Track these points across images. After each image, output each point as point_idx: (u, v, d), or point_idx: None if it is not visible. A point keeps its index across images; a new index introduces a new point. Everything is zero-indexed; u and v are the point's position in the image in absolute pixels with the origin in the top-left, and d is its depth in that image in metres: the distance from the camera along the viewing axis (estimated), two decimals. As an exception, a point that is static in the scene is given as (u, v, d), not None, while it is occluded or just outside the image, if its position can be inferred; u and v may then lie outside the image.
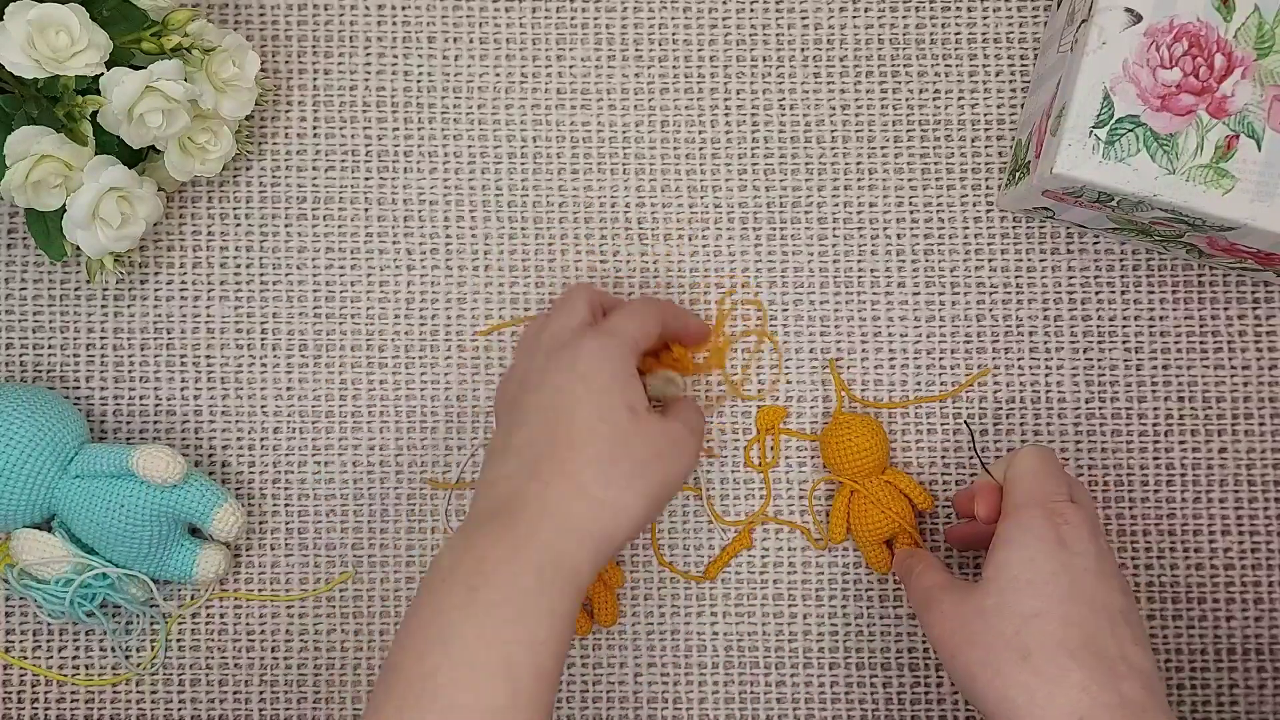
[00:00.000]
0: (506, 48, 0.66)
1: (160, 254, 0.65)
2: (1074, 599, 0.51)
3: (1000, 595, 0.52)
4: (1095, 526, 0.54)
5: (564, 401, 0.53)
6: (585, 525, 0.51)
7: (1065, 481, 0.55)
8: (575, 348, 0.54)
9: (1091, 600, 0.51)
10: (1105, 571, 0.52)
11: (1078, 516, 0.53)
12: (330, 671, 0.63)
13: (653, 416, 0.54)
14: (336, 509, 0.64)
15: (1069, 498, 0.54)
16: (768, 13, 0.66)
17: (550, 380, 0.54)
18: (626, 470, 0.52)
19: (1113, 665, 0.50)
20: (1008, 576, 0.52)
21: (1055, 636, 0.50)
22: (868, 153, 0.66)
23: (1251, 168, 0.56)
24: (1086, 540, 0.53)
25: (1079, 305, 0.65)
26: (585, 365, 0.54)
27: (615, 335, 0.55)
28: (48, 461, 0.58)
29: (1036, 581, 0.51)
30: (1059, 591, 0.51)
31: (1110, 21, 0.56)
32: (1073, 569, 0.52)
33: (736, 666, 0.63)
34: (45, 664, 0.63)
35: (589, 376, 0.53)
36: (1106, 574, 0.52)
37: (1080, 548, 0.52)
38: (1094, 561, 0.52)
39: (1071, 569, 0.52)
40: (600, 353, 0.54)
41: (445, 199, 0.65)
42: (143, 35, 0.57)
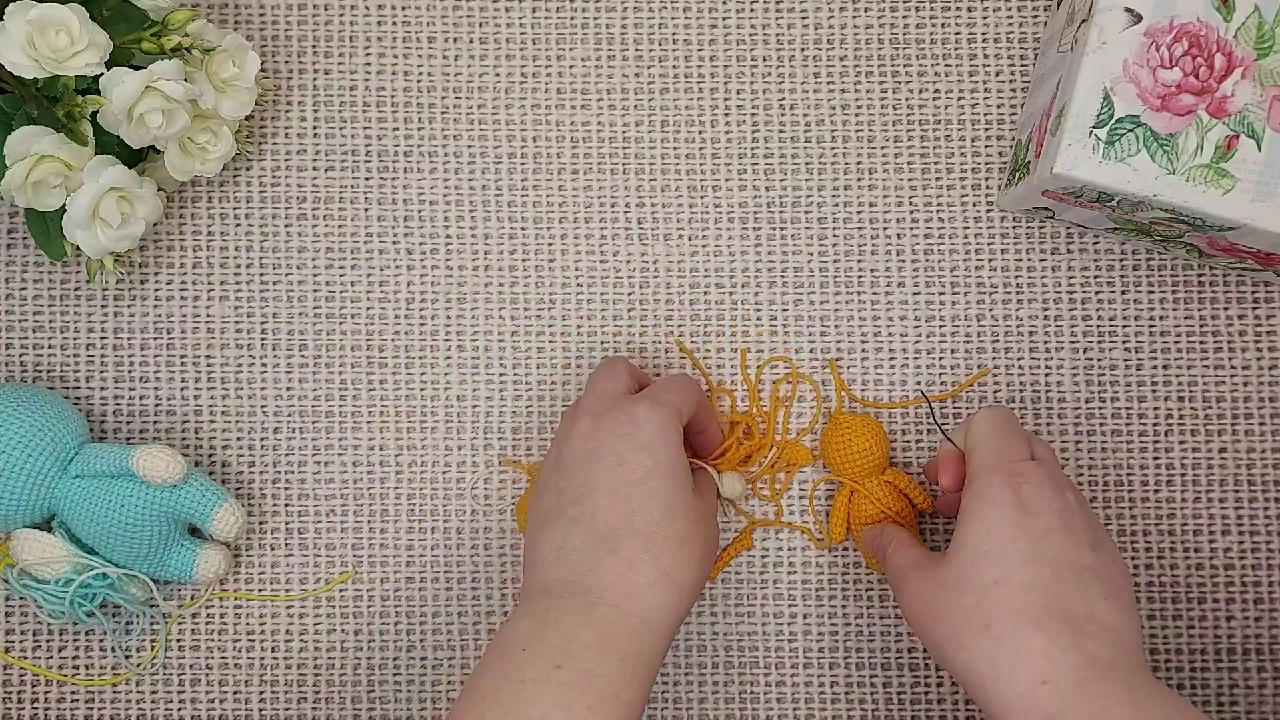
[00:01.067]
0: (506, 48, 0.66)
1: (160, 254, 0.65)
2: (1035, 562, 0.51)
3: (961, 568, 0.52)
4: (1058, 481, 0.53)
5: (634, 474, 0.53)
6: (667, 615, 0.51)
7: (1024, 440, 0.55)
8: (630, 414, 0.54)
9: (1055, 561, 0.51)
10: (1071, 528, 0.52)
11: (1037, 474, 0.53)
12: (330, 671, 0.63)
13: (699, 494, 0.55)
14: (336, 509, 0.64)
15: (1029, 456, 0.54)
16: (768, 13, 0.66)
17: (611, 448, 0.54)
18: (698, 554, 0.53)
19: (1079, 625, 0.50)
20: (969, 548, 0.52)
21: (1015, 604, 0.50)
22: (868, 153, 0.66)
23: (1251, 168, 0.56)
24: (1049, 498, 0.52)
25: (1079, 305, 0.65)
26: (648, 435, 0.54)
27: (665, 405, 0.55)
28: (47, 461, 0.58)
29: (995, 550, 0.51)
30: (1018, 557, 0.51)
31: (1110, 21, 0.56)
32: (1032, 531, 0.51)
33: (736, 666, 0.63)
34: (45, 664, 0.63)
35: (655, 448, 0.53)
36: (1073, 529, 0.52)
37: (1041, 507, 0.52)
38: (1057, 520, 0.52)
39: (1031, 531, 0.51)
40: (659, 422, 0.54)
41: (445, 199, 0.65)
42: (143, 35, 0.57)
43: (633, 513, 0.52)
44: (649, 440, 0.54)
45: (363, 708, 0.63)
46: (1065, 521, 0.52)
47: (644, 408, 0.54)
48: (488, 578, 0.64)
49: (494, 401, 0.64)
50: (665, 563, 0.52)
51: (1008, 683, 0.49)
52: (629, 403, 0.55)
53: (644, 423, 0.54)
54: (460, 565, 0.64)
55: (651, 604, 0.51)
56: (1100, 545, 0.52)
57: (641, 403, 0.55)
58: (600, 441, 0.54)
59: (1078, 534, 0.52)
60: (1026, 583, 0.50)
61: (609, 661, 0.49)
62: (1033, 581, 0.50)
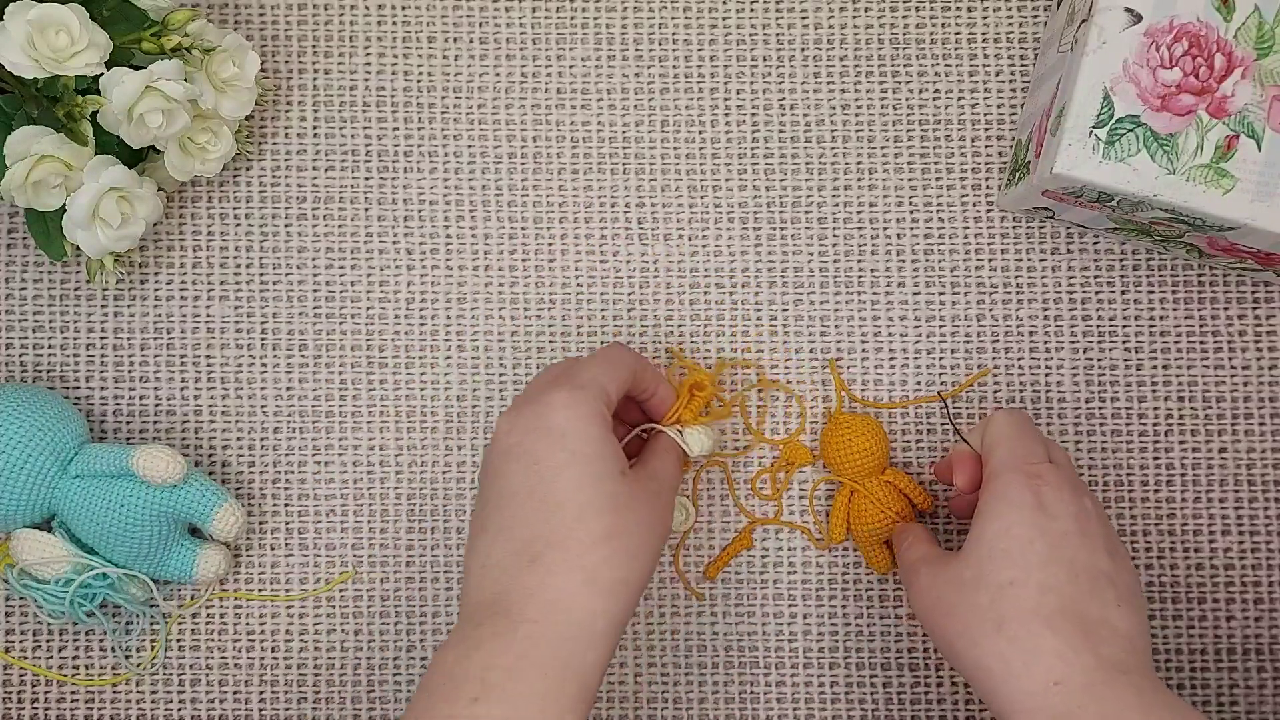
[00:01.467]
0: (506, 48, 0.66)
1: (160, 254, 0.65)
2: (1052, 564, 0.50)
3: (978, 566, 0.51)
4: (1076, 486, 0.53)
5: (548, 470, 0.50)
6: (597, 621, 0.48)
7: (1042, 442, 0.55)
8: (544, 402, 0.51)
9: (1072, 564, 0.50)
10: (1088, 532, 0.52)
11: (1056, 477, 0.53)
12: (330, 671, 0.63)
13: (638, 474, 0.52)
14: (336, 509, 0.64)
15: (1046, 459, 0.54)
16: (768, 13, 0.66)
17: (527, 445, 0.50)
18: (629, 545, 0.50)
19: (1092, 629, 0.49)
20: (985, 547, 0.52)
21: (1030, 604, 0.49)
22: (868, 153, 0.66)
23: (1251, 168, 0.56)
24: (1067, 501, 0.52)
25: (1079, 305, 0.65)
26: (560, 422, 0.50)
27: (584, 388, 0.51)
28: (48, 461, 0.58)
29: (1013, 550, 0.51)
30: (1035, 558, 0.50)
31: (1110, 21, 0.56)
32: (1050, 533, 0.51)
33: (736, 666, 0.63)
34: (45, 664, 0.63)
35: (568, 435, 0.50)
36: (1090, 534, 0.52)
37: (1059, 510, 0.52)
38: (1074, 523, 0.51)
39: (1049, 533, 0.51)
40: (572, 405, 0.50)
41: (445, 199, 0.65)
42: (143, 35, 0.57)
43: (549, 514, 0.49)
44: (561, 428, 0.50)
45: (363, 708, 0.63)
46: (1082, 525, 0.52)
47: (559, 394, 0.51)
48: (488, 578, 0.64)
49: (494, 401, 0.64)
50: (588, 564, 0.48)
51: (1019, 681, 0.49)
52: (545, 389, 0.52)
53: (557, 409, 0.50)
54: (460, 565, 0.64)
55: (576, 613, 0.48)
56: (1115, 551, 0.52)
57: (559, 389, 0.51)
58: (516, 439, 0.51)
59: (1094, 539, 0.52)
60: (1043, 583, 0.50)
61: (530, 682, 0.47)
62: (1049, 583, 0.50)
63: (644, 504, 0.51)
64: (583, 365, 0.53)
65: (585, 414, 0.51)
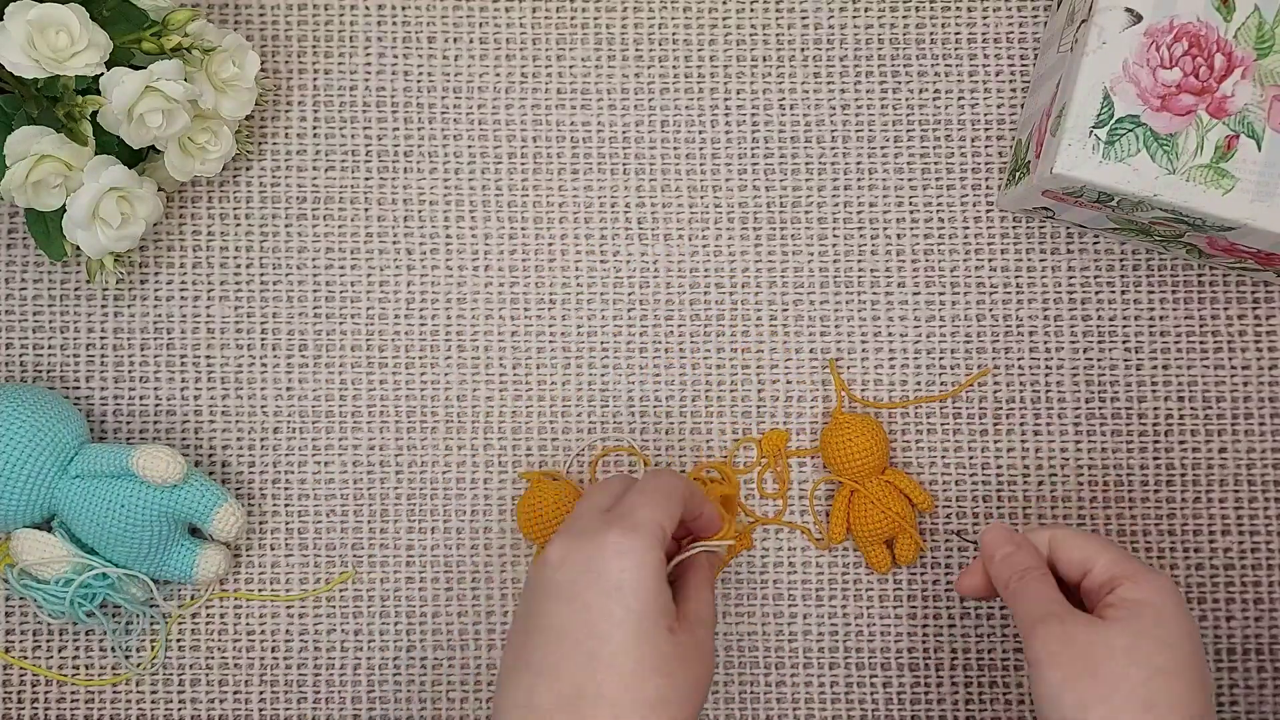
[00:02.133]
0: (506, 48, 0.66)
1: (160, 254, 0.65)
2: (1194, 669, 0.50)
3: (1135, 639, 0.50)
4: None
5: (601, 624, 0.48)
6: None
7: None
8: (600, 544, 0.49)
9: (1203, 678, 0.51)
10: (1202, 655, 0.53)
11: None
12: (330, 671, 0.63)
13: (684, 623, 0.50)
14: (336, 509, 0.64)
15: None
16: (768, 13, 0.66)
17: (579, 588, 0.49)
18: (674, 707, 0.48)
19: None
20: (1143, 624, 0.50)
21: (1181, 698, 0.49)
22: (868, 153, 0.66)
23: (1251, 168, 0.56)
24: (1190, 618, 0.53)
25: (1079, 305, 0.65)
26: (617, 574, 0.48)
27: (640, 530, 0.49)
28: (48, 461, 0.58)
29: (1170, 641, 0.50)
30: (1185, 657, 0.50)
31: (1110, 21, 0.56)
32: (1195, 640, 0.51)
33: (736, 666, 0.63)
34: (45, 664, 0.63)
35: (625, 589, 0.48)
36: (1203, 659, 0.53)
37: (1193, 626, 0.52)
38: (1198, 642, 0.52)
39: (1194, 639, 0.51)
40: (632, 554, 0.49)
41: (445, 199, 0.65)
42: (143, 35, 0.57)
43: (597, 670, 0.47)
44: (618, 581, 0.48)
45: (363, 708, 0.63)
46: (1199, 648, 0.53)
47: (616, 535, 0.49)
48: (488, 578, 0.64)
49: (494, 401, 0.64)
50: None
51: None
52: (601, 527, 0.50)
53: (614, 556, 0.49)
54: (460, 565, 0.64)
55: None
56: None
57: (614, 528, 0.49)
58: (568, 576, 0.49)
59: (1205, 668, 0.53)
60: (1191, 682, 0.50)
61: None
62: (1195, 684, 0.50)
63: (693, 660, 0.50)
64: (638, 500, 0.51)
65: (642, 563, 0.49)
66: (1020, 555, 0.54)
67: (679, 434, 0.64)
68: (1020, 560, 0.54)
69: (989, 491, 0.64)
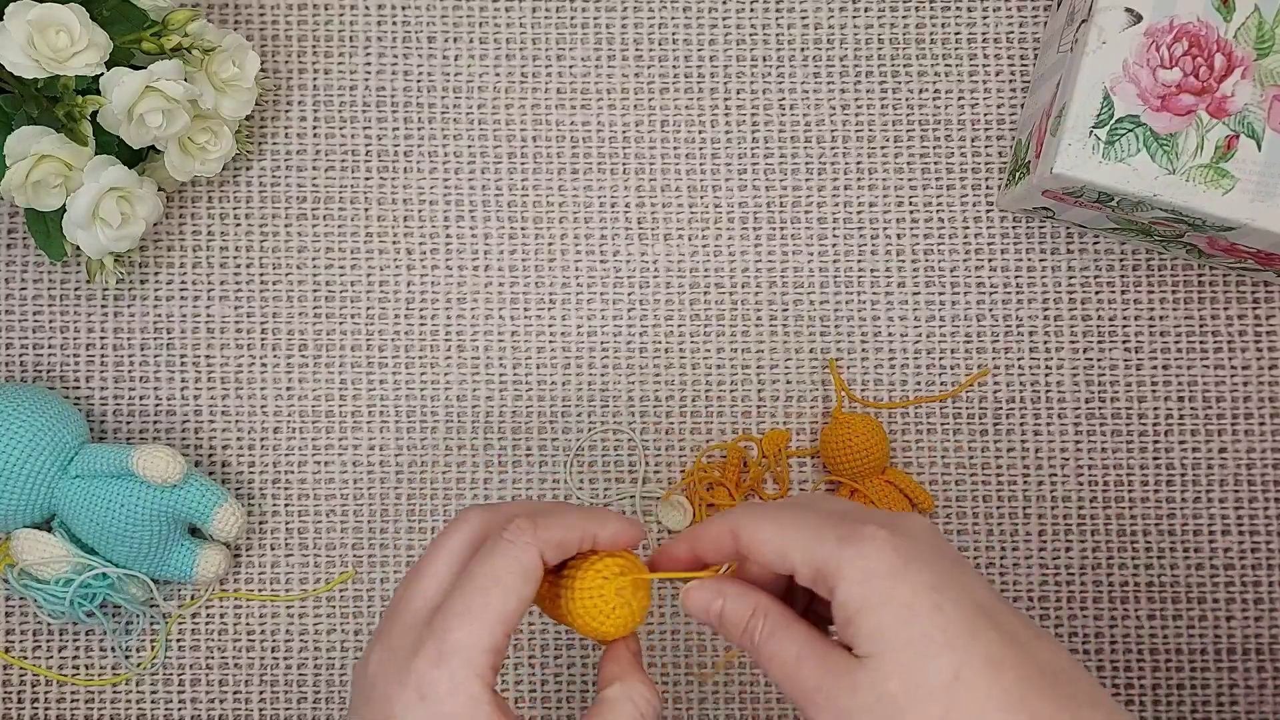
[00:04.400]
0: (506, 48, 0.66)
1: (160, 254, 0.65)
2: (978, 625, 0.38)
3: (904, 671, 0.38)
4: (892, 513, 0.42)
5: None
6: None
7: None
8: (405, 671, 0.40)
9: (988, 612, 0.39)
10: (956, 557, 0.40)
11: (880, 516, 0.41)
12: (330, 671, 0.63)
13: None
14: (336, 509, 0.64)
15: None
16: (768, 13, 0.66)
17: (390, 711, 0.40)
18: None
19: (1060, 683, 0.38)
20: (892, 641, 0.38)
21: (996, 695, 0.37)
22: (868, 153, 0.66)
23: (1251, 168, 0.56)
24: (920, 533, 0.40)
25: (1079, 305, 0.65)
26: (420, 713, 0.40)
27: (450, 660, 0.40)
28: (48, 461, 0.58)
29: (933, 632, 0.38)
30: (958, 627, 0.38)
31: (1110, 21, 0.56)
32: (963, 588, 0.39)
33: (736, 666, 0.63)
34: (45, 664, 0.63)
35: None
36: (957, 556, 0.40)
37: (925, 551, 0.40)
38: (950, 556, 0.40)
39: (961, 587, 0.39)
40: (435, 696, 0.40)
41: (445, 199, 0.65)
42: (143, 35, 0.57)
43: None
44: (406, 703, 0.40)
45: (363, 708, 0.63)
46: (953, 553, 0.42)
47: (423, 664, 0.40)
48: (488, 578, 0.64)
49: (494, 401, 0.64)
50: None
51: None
52: (411, 648, 0.41)
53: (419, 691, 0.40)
54: (460, 565, 0.64)
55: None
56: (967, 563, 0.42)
57: (420, 654, 0.40)
58: (381, 692, 0.41)
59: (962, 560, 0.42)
60: (988, 656, 0.38)
61: None
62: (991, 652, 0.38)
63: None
64: (455, 608, 0.41)
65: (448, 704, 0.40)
66: (732, 606, 0.43)
67: (679, 434, 0.64)
68: (735, 614, 0.42)
69: (989, 491, 0.64)
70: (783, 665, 0.40)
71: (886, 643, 0.38)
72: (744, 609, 0.42)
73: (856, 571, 0.39)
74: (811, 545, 0.40)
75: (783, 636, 0.41)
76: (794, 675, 0.40)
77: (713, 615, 0.43)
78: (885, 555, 0.39)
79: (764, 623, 0.41)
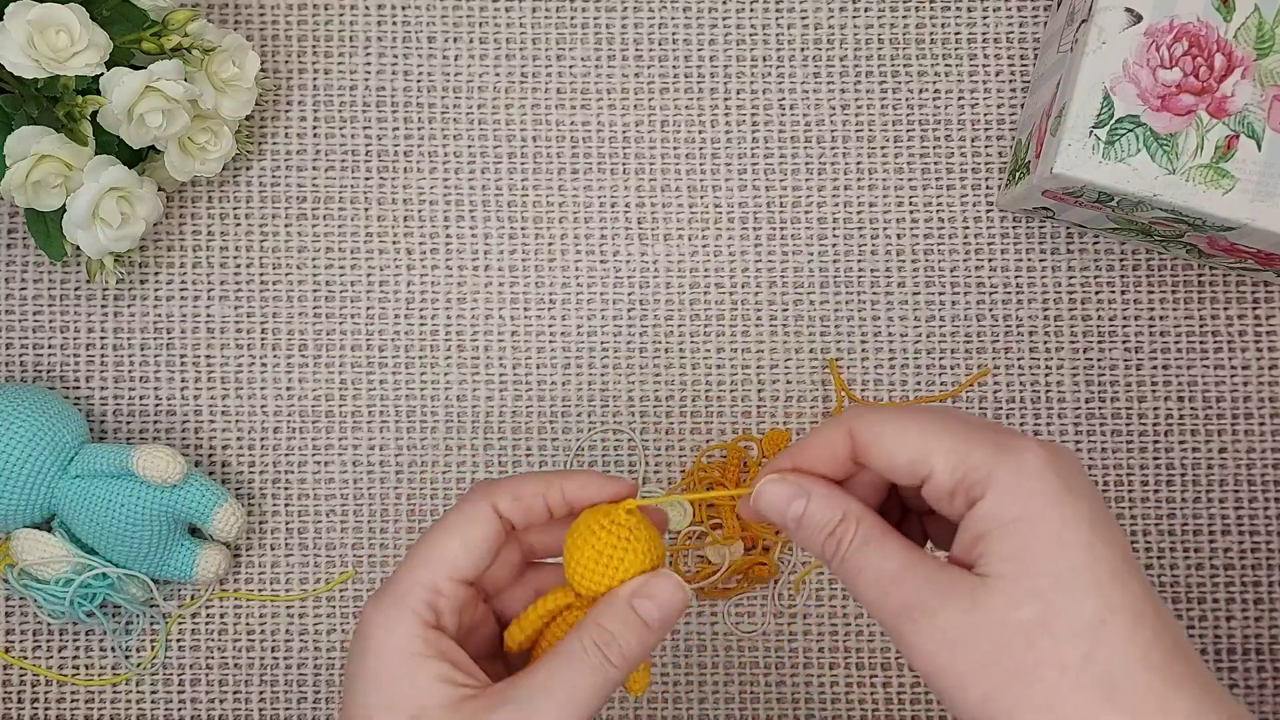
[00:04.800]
0: (506, 48, 0.66)
1: (160, 254, 0.65)
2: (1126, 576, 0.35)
3: (1041, 599, 0.34)
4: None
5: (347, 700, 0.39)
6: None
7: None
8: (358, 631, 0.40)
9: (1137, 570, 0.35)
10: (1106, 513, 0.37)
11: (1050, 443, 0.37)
12: (330, 671, 0.63)
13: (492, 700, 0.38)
14: (336, 509, 0.64)
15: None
16: (768, 13, 0.66)
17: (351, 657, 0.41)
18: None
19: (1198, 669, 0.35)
20: (1041, 565, 0.35)
21: (1136, 650, 0.34)
22: (868, 153, 0.66)
23: (1251, 168, 0.56)
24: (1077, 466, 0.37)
25: (1079, 305, 0.65)
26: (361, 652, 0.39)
27: (387, 598, 0.40)
28: (48, 461, 0.58)
29: (1081, 569, 0.35)
30: (1114, 574, 0.35)
31: (1110, 21, 0.56)
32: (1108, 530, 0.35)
33: (736, 666, 0.63)
34: (45, 664, 0.63)
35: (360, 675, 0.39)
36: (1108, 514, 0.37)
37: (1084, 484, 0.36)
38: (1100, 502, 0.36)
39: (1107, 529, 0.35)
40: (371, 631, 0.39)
41: (445, 199, 0.65)
42: (143, 35, 0.57)
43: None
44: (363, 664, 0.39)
45: (363, 708, 0.63)
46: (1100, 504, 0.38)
47: (370, 606, 0.40)
48: (488, 578, 0.64)
49: (494, 401, 0.64)
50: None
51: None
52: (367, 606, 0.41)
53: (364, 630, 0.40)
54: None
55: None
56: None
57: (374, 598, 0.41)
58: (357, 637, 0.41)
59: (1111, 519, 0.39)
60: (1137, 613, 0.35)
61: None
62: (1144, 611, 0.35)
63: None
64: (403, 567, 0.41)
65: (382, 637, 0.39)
66: (818, 508, 0.38)
67: (679, 434, 0.64)
68: (821, 517, 0.38)
69: (989, 491, 0.64)
70: (876, 578, 0.36)
71: (1027, 567, 0.34)
72: (832, 512, 0.38)
73: (1011, 485, 0.35)
74: (961, 448, 0.36)
75: (878, 547, 0.37)
76: (889, 590, 0.36)
77: (791, 518, 0.38)
78: (1046, 476, 0.35)
79: (856, 530, 0.37)
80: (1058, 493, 0.35)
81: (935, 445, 0.36)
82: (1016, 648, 0.34)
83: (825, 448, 0.39)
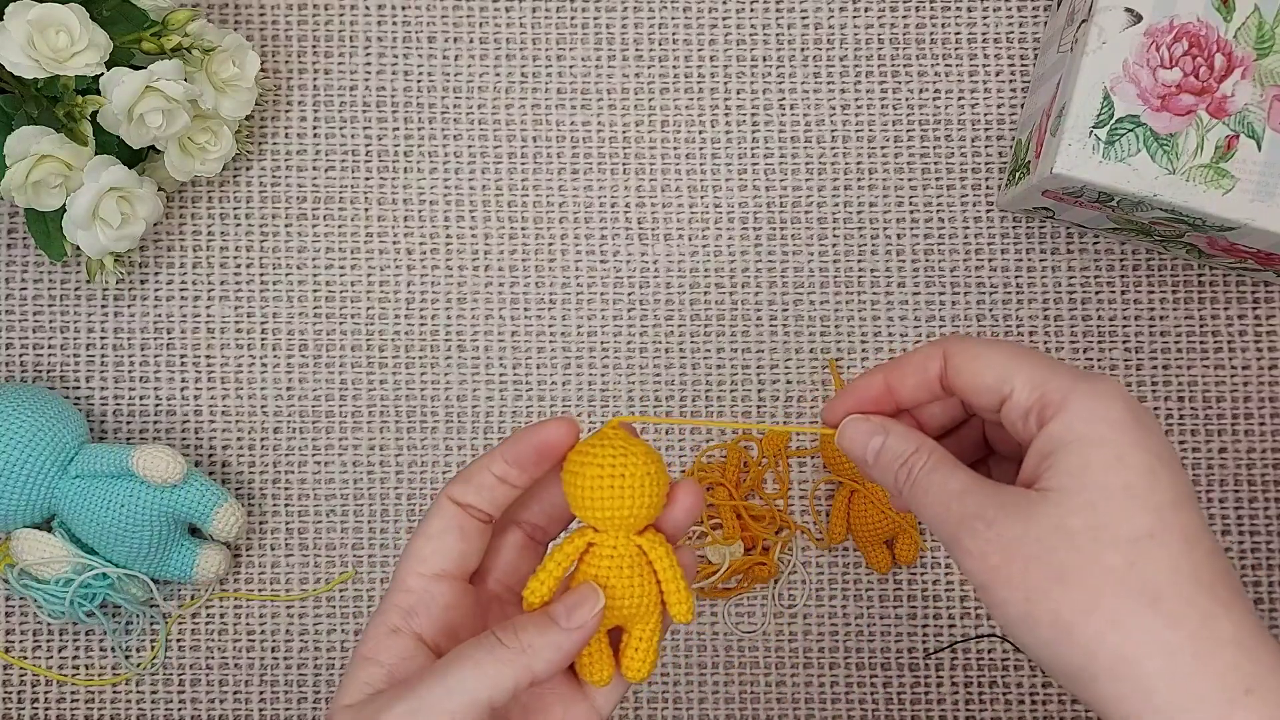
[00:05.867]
0: (506, 48, 0.66)
1: (160, 254, 0.65)
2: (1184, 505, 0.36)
3: (1093, 511, 0.36)
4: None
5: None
6: None
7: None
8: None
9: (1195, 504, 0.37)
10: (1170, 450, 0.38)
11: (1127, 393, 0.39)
12: (330, 671, 0.63)
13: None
14: (336, 509, 0.64)
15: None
16: (768, 13, 0.66)
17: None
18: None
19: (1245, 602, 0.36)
20: (1096, 479, 0.36)
21: (1185, 568, 0.35)
22: (868, 153, 0.66)
23: (1251, 168, 0.56)
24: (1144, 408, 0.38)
25: (1079, 305, 0.65)
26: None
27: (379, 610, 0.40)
28: (48, 461, 0.58)
29: (1138, 487, 0.36)
30: (1166, 497, 0.36)
31: (1110, 21, 0.56)
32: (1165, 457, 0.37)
33: (736, 666, 0.63)
34: (45, 664, 0.63)
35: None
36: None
37: (1152, 421, 0.38)
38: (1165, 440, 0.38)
39: (1165, 457, 0.37)
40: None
41: (445, 199, 0.65)
42: (143, 35, 0.57)
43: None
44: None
45: (363, 708, 0.63)
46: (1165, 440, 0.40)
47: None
48: (488, 578, 0.64)
49: (494, 401, 0.64)
50: None
51: (1188, 683, 0.34)
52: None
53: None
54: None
55: None
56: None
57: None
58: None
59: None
60: (1187, 534, 0.36)
61: None
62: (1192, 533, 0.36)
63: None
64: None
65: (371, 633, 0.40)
66: (895, 443, 0.41)
67: (679, 434, 0.64)
68: (897, 449, 0.41)
69: (989, 491, 0.64)
70: (941, 495, 0.39)
71: (1085, 481, 0.36)
72: (907, 445, 0.41)
73: (1084, 409, 0.37)
74: (1042, 372, 0.38)
75: (946, 471, 0.39)
76: (952, 505, 0.38)
77: (870, 452, 0.41)
78: (1118, 405, 0.37)
79: (927, 458, 0.40)
80: (1128, 422, 0.37)
81: (1019, 367, 0.39)
82: (1062, 550, 0.36)
83: (920, 364, 0.41)
